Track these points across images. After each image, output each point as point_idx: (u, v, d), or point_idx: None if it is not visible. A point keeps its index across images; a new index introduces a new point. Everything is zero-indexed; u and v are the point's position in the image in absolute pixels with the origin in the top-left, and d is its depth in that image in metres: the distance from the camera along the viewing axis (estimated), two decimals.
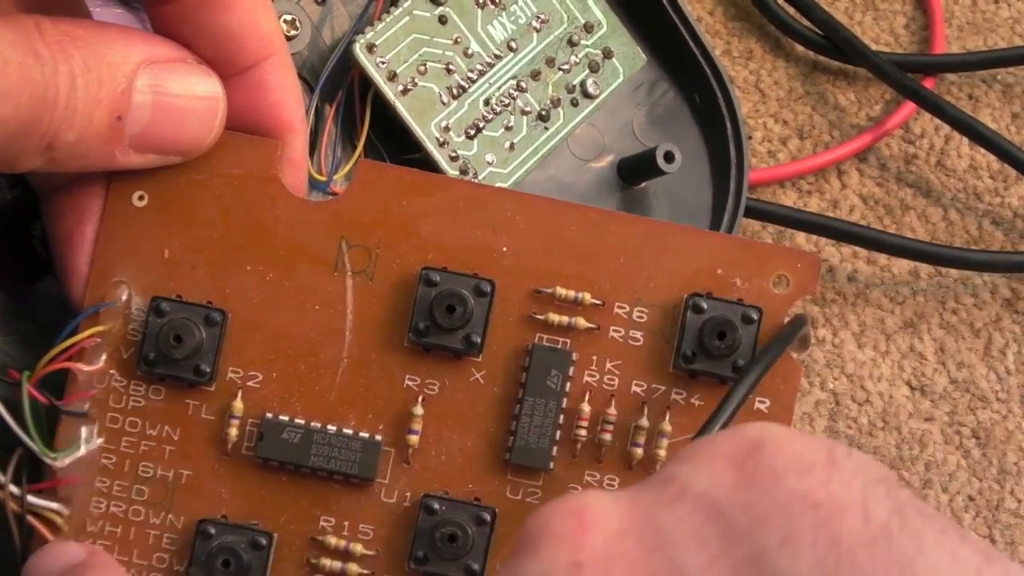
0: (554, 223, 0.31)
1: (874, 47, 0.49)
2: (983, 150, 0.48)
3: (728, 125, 0.42)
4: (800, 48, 0.49)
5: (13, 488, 0.29)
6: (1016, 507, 0.46)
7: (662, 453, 0.31)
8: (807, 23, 0.48)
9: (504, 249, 0.31)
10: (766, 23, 0.49)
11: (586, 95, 0.40)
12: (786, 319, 0.32)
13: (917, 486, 0.45)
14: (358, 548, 0.30)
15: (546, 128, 0.39)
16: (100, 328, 0.30)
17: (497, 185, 0.38)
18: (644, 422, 0.31)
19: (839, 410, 0.46)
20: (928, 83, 0.48)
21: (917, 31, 0.50)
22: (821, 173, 0.48)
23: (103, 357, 0.30)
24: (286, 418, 0.31)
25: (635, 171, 0.41)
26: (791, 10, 0.48)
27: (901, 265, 0.47)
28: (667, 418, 0.31)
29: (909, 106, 0.48)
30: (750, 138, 0.47)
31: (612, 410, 0.31)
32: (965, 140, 0.48)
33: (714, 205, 0.42)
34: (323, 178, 0.37)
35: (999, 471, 0.46)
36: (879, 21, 0.50)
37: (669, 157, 0.40)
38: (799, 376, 0.32)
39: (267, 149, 0.31)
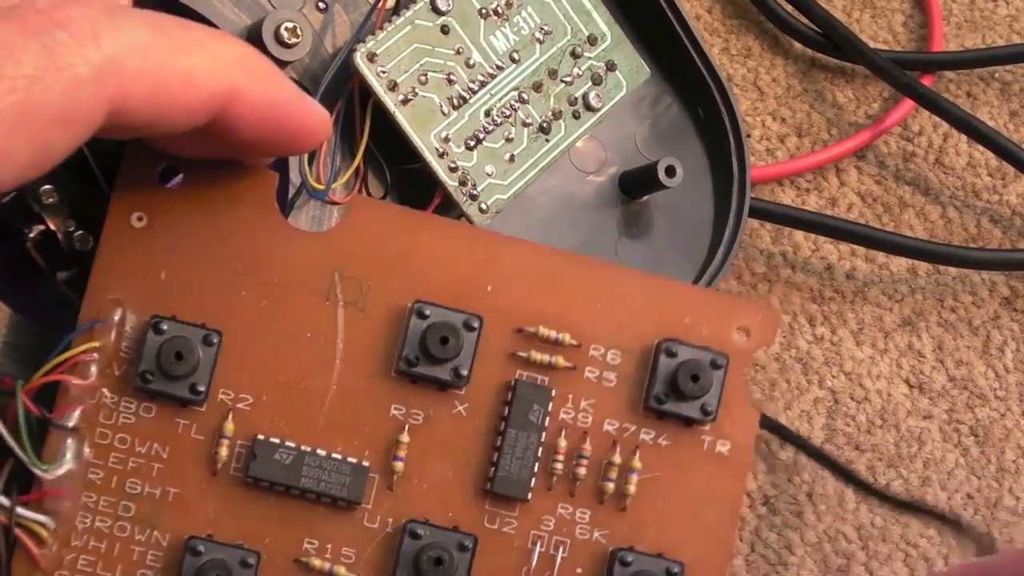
0: (539, 266, 0.31)
1: (872, 45, 0.47)
2: (981, 148, 0.47)
3: (731, 140, 0.41)
4: (798, 46, 0.48)
5: (3, 499, 0.28)
6: (1014, 505, 0.45)
7: (632, 488, 0.31)
8: (805, 21, 0.47)
9: (489, 288, 0.31)
10: (764, 21, 0.48)
11: (588, 108, 0.39)
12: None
13: (915, 484, 0.45)
14: (341, 570, 0.30)
15: (547, 140, 0.38)
16: (94, 344, 0.30)
17: (494, 197, 0.37)
18: (616, 458, 0.31)
19: (837, 408, 0.45)
20: (926, 81, 0.47)
21: (915, 29, 0.49)
22: (819, 171, 0.47)
23: (94, 373, 0.30)
24: (278, 440, 0.30)
25: (637, 184, 0.40)
26: (789, 8, 0.47)
27: (899, 263, 0.46)
28: (637, 456, 0.31)
29: (907, 104, 0.47)
30: (748, 136, 0.45)
31: (587, 446, 0.31)
32: (963, 138, 0.47)
33: (715, 221, 0.41)
34: (321, 187, 0.35)
35: (997, 469, 0.45)
36: (877, 19, 0.49)
37: (671, 171, 0.39)
38: (756, 421, 0.32)
39: (265, 180, 0.31)
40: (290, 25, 0.35)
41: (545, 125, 0.38)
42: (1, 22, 0.23)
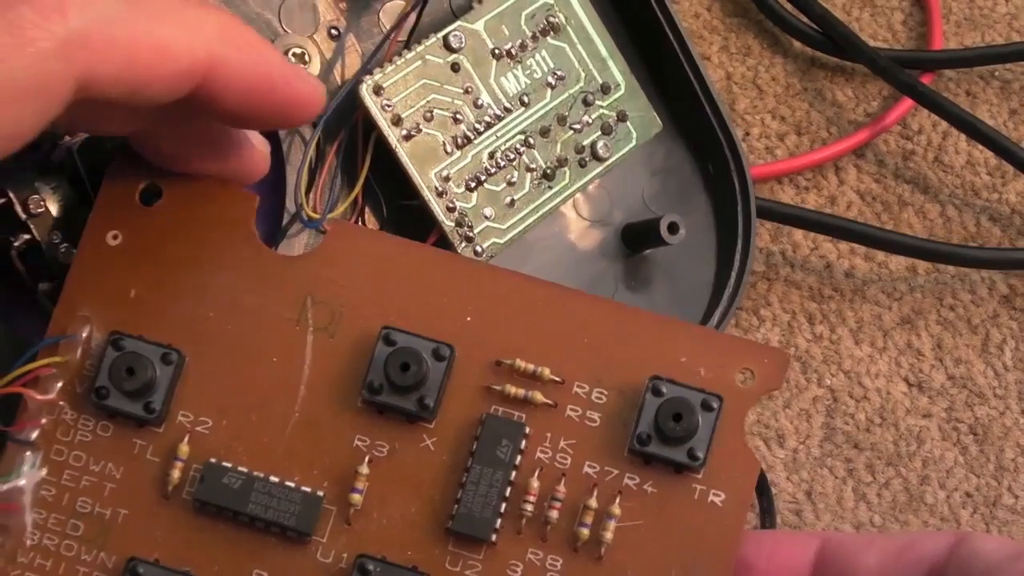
0: (521, 297, 0.30)
1: (872, 43, 0.46)
2: (981, 146, 0.46)
3: (739, 201, 0.39)
4: (798, 44, 0.47)
5: None
6: (1013, 503, 0.44)
7: (608, 535, 0.29)
8: (805, 19, 0.46)
9: (468, 319, 0.30)
10: (764, 19, 0.47)
11: (595, 157, 0.38)
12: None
13: (915, 482, 0.44)
14: None
15: (550, 187, 0.37)
16: (57, 359, 0.29)
17: (490, 241, 0.36)
18: (593, 503, 0.29)
19: (836, 406, 0.44)
20: (926, 79, 0.46)
21: (915, 27, 0.48)
22: (819, 169, 0.46)
23: (57, 388, 0.29)
24: (229, 464, 0.29)
25: (638, 238, 0.39)
26: (789, 6, 0.46)
27: (898, 261, 0.46)
28: (617, 502, 0.29)
29: (907, 102, 0.46)
30: (747, 134, 0.45)
31: (562, 488, 0.29)
32: (963, 136, 0.47)
33: (716, 281, 0.39)
34: (317, 215, 0.34)
35: (996, 467, 0.44)
36: (877, 17, 0.48)
37: (673, 228, 0.37)
38: (756, 470, 0.29)
39: (243, 201, 0.30)
40: (298, 50, 0.34)
41: (549, 171, 0.37)
42: None
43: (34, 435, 0.29)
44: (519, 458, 0.29)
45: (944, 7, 0.48)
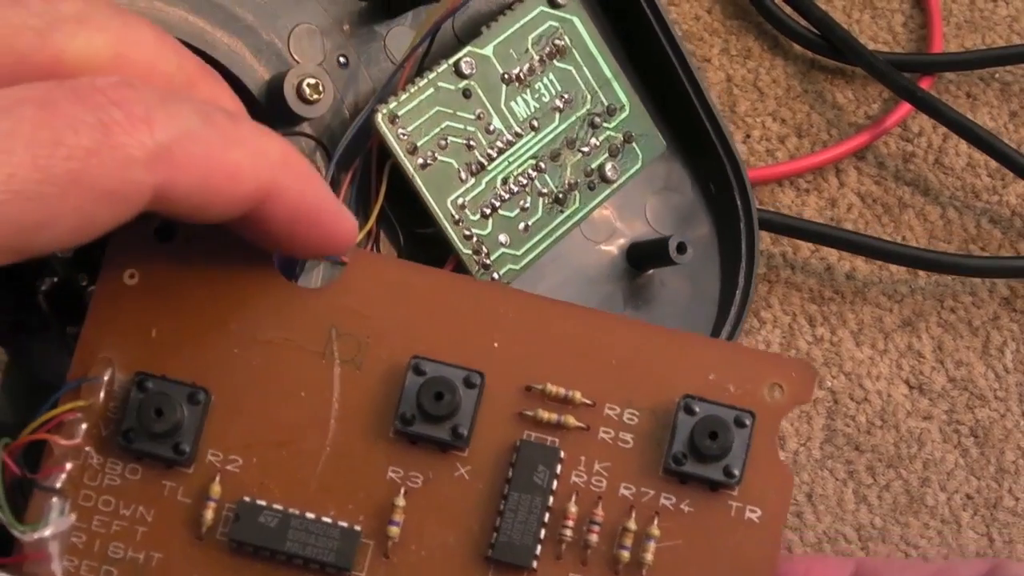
0: (548, 321, 0.29)
1: (872, 46, 0.46)
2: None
3: (742, 218, 0.39)
4: (798, 46, 0.47)
5: None
6: (1014, 505, 0.44)
7: (649, 557, 0.29)
8: (804, 23, 0.46)
9: (496, 345, 0.29)
10: (764, 21, 0.47)
11: (604, 179, 0.37)
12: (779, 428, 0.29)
13: (915, 484, 0.43)
14: None
15: (562, 211, 0.37)
16: (80, 403, 0.28)
17: (506, 268, 0.35)
18: (632, 525, 0.29)
19: (837, 408, 0.44)
20: (926, 82, 0.46)
21: (915, 29, 0.48)
22: (819, 171, 0.46)
23: (82, 432, 0.28)
24: (264, 502, 0.28)
25: (645, 258, 0.38)
26: (788, 9, 0.46)
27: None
28: (655, 522, 0.29)
29: (907, 105, 0.46)
30: (748, 137, 0.45)
31: (599, 511, 0.29)
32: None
33: (720, 300, 0.39)
34: None
35: (997, 469, 0.44)
36: (877, 19, 0.48)
37: (682, 248, 0.37)
38: (791, 484, 0.29)
39: None
40: (312, 81, 0.34)
41: (560, 196, 0.37)
42: (64, 93, 0.23)
43: (60, 481, 0.28)
44: (555, 483, 0.29)
45: (944, 9, 0.48)
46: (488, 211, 0.36)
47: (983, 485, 0.44)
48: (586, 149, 0.37)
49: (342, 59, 0.36)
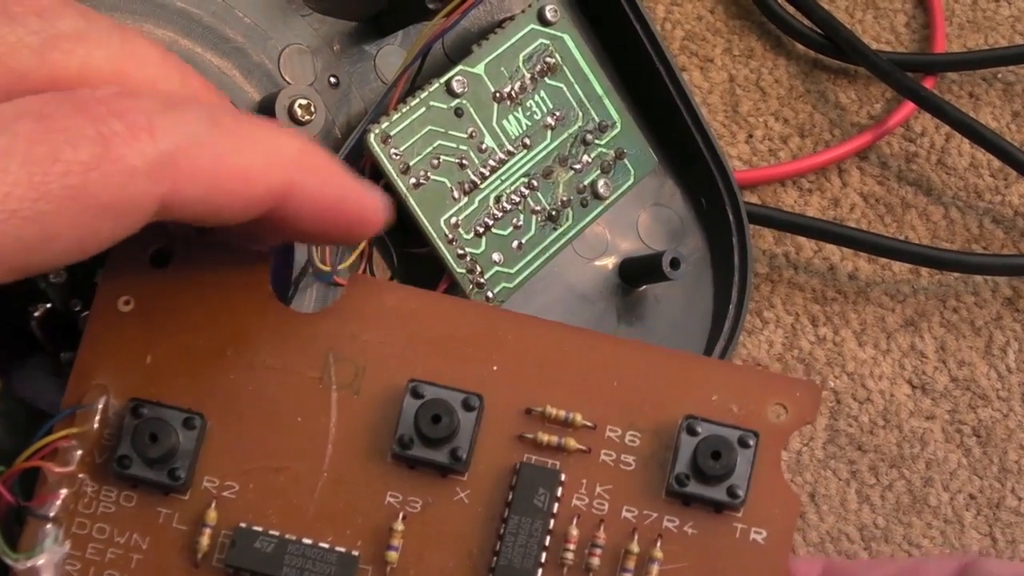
0: (548, 343, 0.29)
1: (875, 46, 0.46)
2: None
3: (734, 232, 0.39)
4: (801, 46, 0.47)
5: None
6: (1017, 505, 0.44)
7: None
8: (807, 23, 0.46)
9: (495, 367, 0.29)
10: (766, 21, 0.47)
11: (596, 196, 0.37)
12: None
13: (918, 484, 0.43)
14: None
15: (555, 228, 0.36)
16: (75, 430, 0.28)
17: (500, 286, 0.35)
18: (634, 547, 0.28)
19: (840, 408, 0.44)
20: (929, 82, 0.46)
21: (918, 29, 0.48)
22: (822, 171, 0.46)
23: (76, 459, 0.28)
24: (260, 528, 0.28)
25: (638, 274, 0.38)
26: (791, 9, 0.46)
27: (902, 264, 0.45)
28: (658, 545, 0.28)
29: (909, 105, 0.46)
30: (751, 136, 0.44)
31: (601, 534, 0.28)
32: (966, 138, 0.46)
33: (714, 314, 0.38)
34: (328, 268, 0.33)
35: (1000, 469, 0.44)
36: (880, 20, 0.48)
37: (675, 264, 0.37)
38: (797, 506, 0.29)
39: (256, 259, 0.29)
40: (304, 102, 0.34)
41: (553, 213, 0.36)
42: (62, 104, 0.23)
43: (55, 509, 0.27)
44: (556, 506, 0.28)
45: (947, 10, 0.48)
46: (481, 230, 0.35)
47: (986, 485, 0.44)
48: (578, 166, 0.37)
49: (333, 79, 0.35)
